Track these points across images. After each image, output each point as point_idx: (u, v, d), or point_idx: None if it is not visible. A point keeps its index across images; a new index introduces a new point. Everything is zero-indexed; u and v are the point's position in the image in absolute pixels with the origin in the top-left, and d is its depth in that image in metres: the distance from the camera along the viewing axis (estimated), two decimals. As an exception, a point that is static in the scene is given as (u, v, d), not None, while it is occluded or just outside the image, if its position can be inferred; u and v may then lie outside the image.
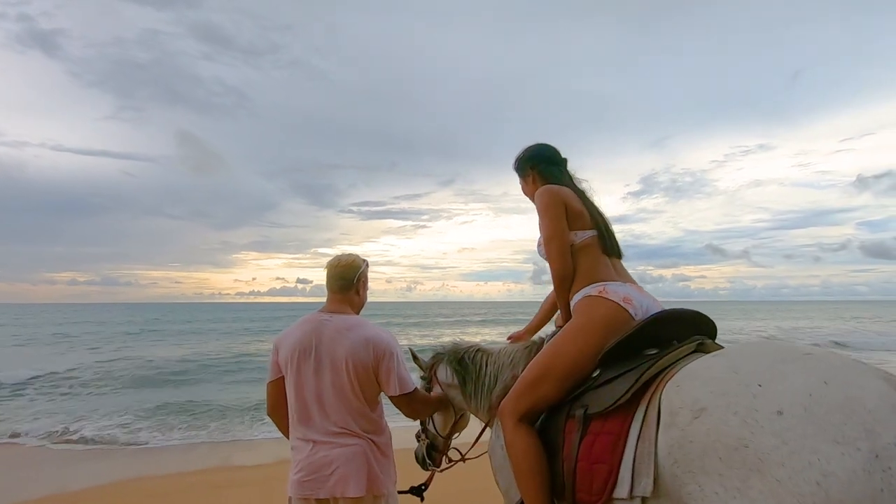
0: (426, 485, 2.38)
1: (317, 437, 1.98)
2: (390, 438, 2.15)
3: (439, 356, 2.48)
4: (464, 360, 2.31)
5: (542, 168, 2.11)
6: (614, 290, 1.79)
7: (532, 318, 2.40)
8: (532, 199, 2.12)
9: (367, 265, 2.24)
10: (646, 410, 1.41)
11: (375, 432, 2.06)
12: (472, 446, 2.36)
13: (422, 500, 2.35)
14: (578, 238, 1.91)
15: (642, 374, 1.47)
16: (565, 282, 1.89)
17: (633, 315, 1.73)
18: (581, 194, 2.02)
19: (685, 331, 1.65)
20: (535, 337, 2.18)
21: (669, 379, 1.42)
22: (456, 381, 2.32)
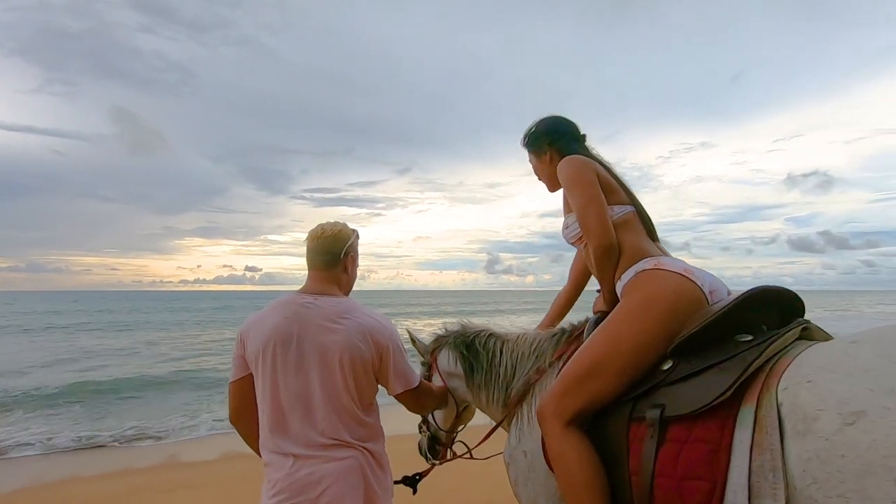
0: (422, 475, 2.10)
1: (298, 451, 1.56)
2: (384, 444, 1.76)
3: (443, 339, 2.18)
4: (473, 346, 2.02)
5: (561, 144, 1.87)
6: (671, 263, 1.50)
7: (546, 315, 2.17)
8: (544, 179, 1.95)
9: (358, 236, 1.84)
10: (755, 413, 1.09)
11: (371, 439, 1.66)
12: (480, 444, 2.02)
13: (414, 491, 2.05)
14: (616, 213, 1.66)
15: (749, 365, 1.14)
16: (611, 253, 1.57)
17: (702, 288, 1.43)
18: (610, 169, 1.78)
19: (776, 313, 1.34)
20: (565, 323, 1.85)
21: (783, 371, 1.11)
22: (460, 370, 2.04)
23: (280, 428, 1.58)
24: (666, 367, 1.32)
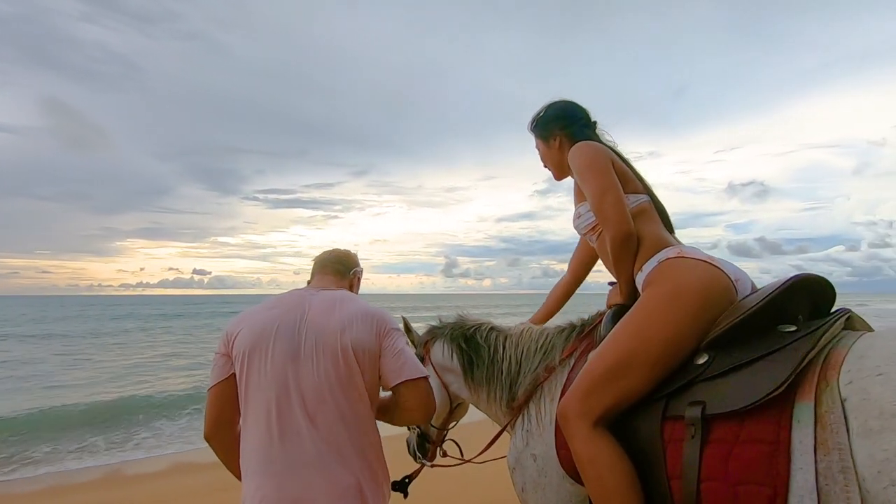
0: (411, 478, 1.97)
1: (286, 461, 1.33)
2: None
3: (438, 331, 2.05)
4: (473, 339, 1.91)
5: (572, 130, 1.77)
6: (695, 251, 1.42)
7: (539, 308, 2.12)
8: (551, 166, 1.86)
9: (363, 270, 1.83)
10: (814, 409, 1.00)
11: (371, 448, 1.44)
12: (483, 452, 1.88)
13: (405, 495, 1.92)
14: (632, 202, 1.58)
15: (805, 356, 1.05)
16: (629, 242, 1.49)
17: (729, 277, 1.35)
18: (623, 157, 1.71)
19: (809, 302, 1.27)
20: (575, 318, 1.73)
21: (842, 364, 1.02)
22: (457, 364, 1.92)
23: (268, 433, 1.35)
24: (701, 360, 1.23)
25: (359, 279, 1.78)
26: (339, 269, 1.72)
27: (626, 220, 1.48)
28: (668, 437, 1.18)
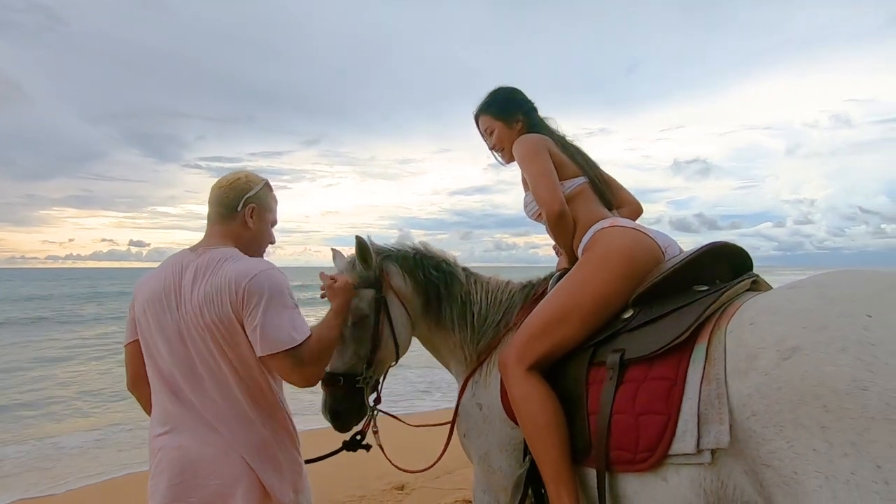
0: (363, 433, 1.82)
1: (180, 425, 1.45)
2: (289, 415, 1.60)
3: (399, 254, 1.87)
4: (448, 272, 1.85)
5: (531, 116, 1.94)
6: (626, 221, 1.66)
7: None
8: (508, 146, 1.91)
9: (266, 186, 1.63)
10: (706, 350, 1.20)
11: (269, 413, 1.53)
12: (453, 422, 1.78)
13: (368, 449, 1.81)
14: (567, 187, 1.76)
15: (706, 309, 1.25)
16: (562, 219, 1.67)
17: (657, 242, 1.56)
18: (562, 141, 1.87)
19: (728, 267, 1.49)
20: (535, 279, 1.88)
21: (733, 315, 1.22)
22: (421, 296, 1.81)
23: (162, 399, 1.48)
24: (627, 315, 1.43)
25: (258, 207, 1.59)
26: (222, 213, 1.56)
27: (556, 200, 1.65)
28: (592, 380, 1.38)
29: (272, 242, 1.69)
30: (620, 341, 1.37)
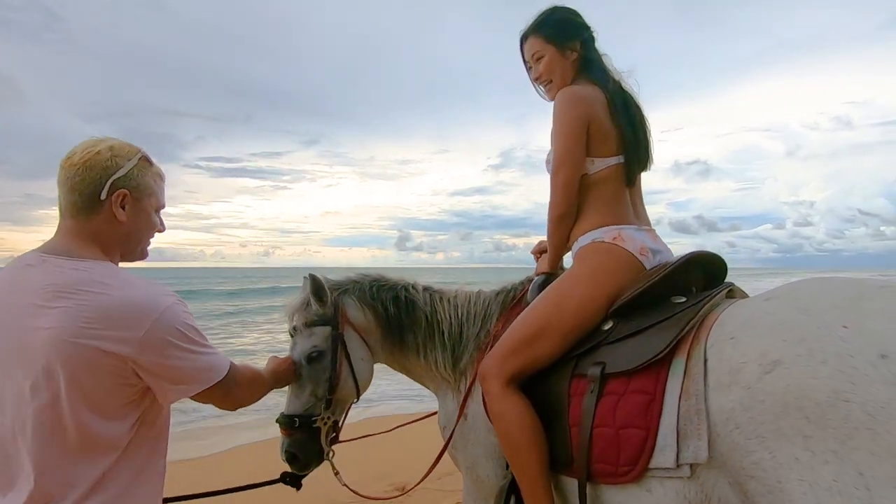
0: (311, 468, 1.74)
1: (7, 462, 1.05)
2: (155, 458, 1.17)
3: (355, 286, 1.80)
4: (405, 299, 1.78)
5: (591, 49, 1.64)
6: (631, 238, 1.55)
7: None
8: (557, 79, 1.65)
9: (142, 160, 1.19)
10: (685, 364, 1.20)
11: (113, 479, 1.07)
12: (446, 444, 1.71)
13: (298, 487, 1.71)
14: (595, 167, 1.59)
15: (687, 324, 1.25)
16: (564, 221, 1.63)
17: (646, 267, 1.53)
18: (614, 97, 1.57)
19: (703, 275, 1.50)
20: (508, 285, 1.85)
21: (710, 329, 1.22)
22: (381, 326, 1.77)
23: None
24: (607, 327, 1.42)
25: (129, 196, 1.15)
26: (77, 203, 1.11)
27: (565, 202, 1.59)
28: (574, 392, 1.37)
29: (160, 231, 1.28)
30: (601, 353, 1.37)
